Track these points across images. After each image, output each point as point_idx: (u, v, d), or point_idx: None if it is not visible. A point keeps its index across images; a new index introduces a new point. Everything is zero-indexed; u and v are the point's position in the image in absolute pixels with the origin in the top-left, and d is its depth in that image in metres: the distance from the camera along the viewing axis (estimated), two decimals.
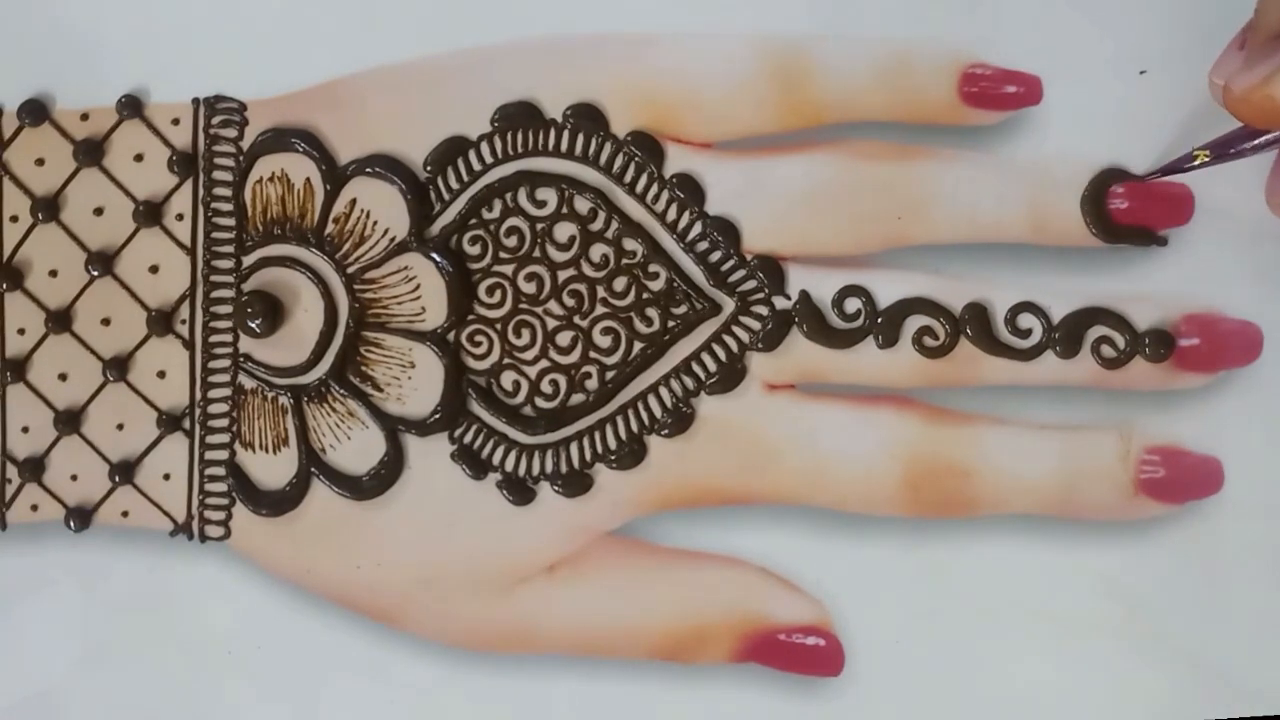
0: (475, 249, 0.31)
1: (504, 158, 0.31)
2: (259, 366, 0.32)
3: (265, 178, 0.32)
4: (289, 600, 0.32)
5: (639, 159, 0.31)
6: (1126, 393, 0.29)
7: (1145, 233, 0.29)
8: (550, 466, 0.31)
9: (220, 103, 0.32)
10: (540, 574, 0.31)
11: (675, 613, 0.30)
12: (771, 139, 0.30)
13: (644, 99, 0.31)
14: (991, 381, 0.30)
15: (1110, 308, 0.29)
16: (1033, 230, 0.29)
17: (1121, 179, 0.29)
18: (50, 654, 0.32)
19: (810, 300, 0.30)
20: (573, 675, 0.31)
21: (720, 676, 0.30)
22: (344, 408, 0.32)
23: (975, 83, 0.30)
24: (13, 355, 0.33)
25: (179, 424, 0.32)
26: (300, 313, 0.32)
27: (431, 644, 0.31)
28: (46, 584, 0.32)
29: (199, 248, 0.32)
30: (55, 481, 0.32)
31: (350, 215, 0.32)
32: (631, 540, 0.31)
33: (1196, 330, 0.29)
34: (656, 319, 0.31)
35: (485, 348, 0.31)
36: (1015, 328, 0.29)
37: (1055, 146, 0.30)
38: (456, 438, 0.31)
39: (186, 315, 0.32)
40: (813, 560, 0.30)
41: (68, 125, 0.32)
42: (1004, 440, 0.29)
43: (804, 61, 0.30)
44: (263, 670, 0.32)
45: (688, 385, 0.30)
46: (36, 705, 0.32)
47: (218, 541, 0.32)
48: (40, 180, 0.33)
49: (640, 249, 0.31)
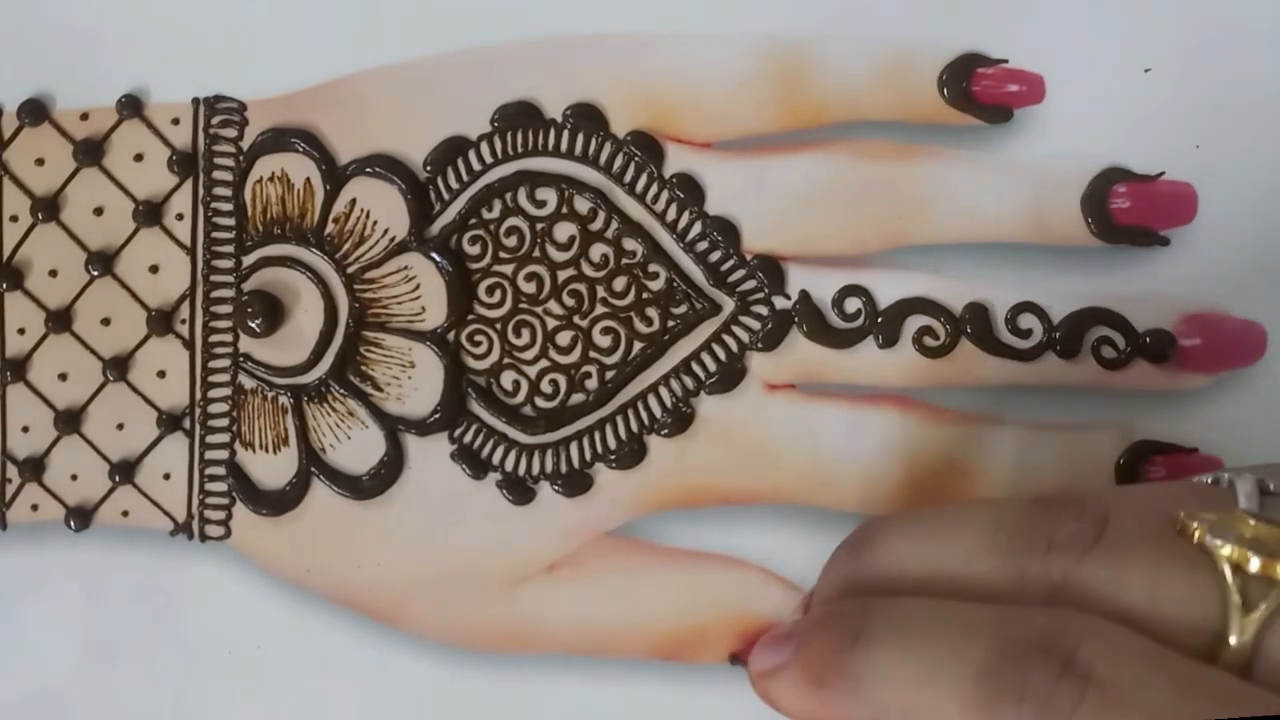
0: (475, 249, 0.31)
1: (504, 158, 0.31)
2: (259, 366, 0.32)
3: (265, 177, 0.32)
4: (289, 600, 0.32)
5: (639, 159, 0.31)
6: (1127, 393, 0.29)
7: (1147, 233, 0.29)
8: (550, 466, 0.31)
9: (220, 103, 0.32)
10: (540, 574, 0.31)
11: (675, 612, 0.30)
12: (771, 139, 0.30)
13: (644, 99, 0.31)
14: (991, 381, 0.30)
15: (1111, 308, 0.29)
16: (1033, 230, 0.29)
17: (1123, 179, 0.29)
18: (50, 653, 0.32)
19: (810, 300, 0.30)
20: (573, 675, 0.31)
21: (720, 676, 0.30)
22: (344, 407, 0.32)
23: (977, 81, 0.30)
24: (13, 355, 0.33)
25: (179, 424, 0.32)
26: (300, 312, 0.32)
27: (431, 644, 0.31)
28: (46, 584, 0.32)
29: (199, 248, 0.32)
30: (55, 481, 0.32)
31: (350, 215, 0.32)
32: (631, 540, 0.31)
33: (1198, 330, 0.29)
34: (656, 319, 0.31)
35: (485, 347, 0.31)
36: (1015, 328, 0.29)
37: (1056, 146, 0.30)
38: (456, 437, 0.31)
39: (186, 315, 0.32)
40: (813, 560, 0.30)
41: (68, 125, 0.32)
42: (1004, 440, 0.29)
43: (804, 62, 0.30)
44: (263, 670, 0.32)
45: (688, 385, 0.30)
46: (36, 705, 0.32)
47: (218, 541, 0.32)
48: (40, 180, 0.33)
49: (640, 249, 0.31)
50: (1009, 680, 0.20)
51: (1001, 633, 0.21)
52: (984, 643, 0.21)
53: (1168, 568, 0.21)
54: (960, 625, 0.22)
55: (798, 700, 0.24)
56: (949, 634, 0.22)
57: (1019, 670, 0.20)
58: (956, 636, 0.21)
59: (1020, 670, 0.20)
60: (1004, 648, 0.21)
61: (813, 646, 0.24)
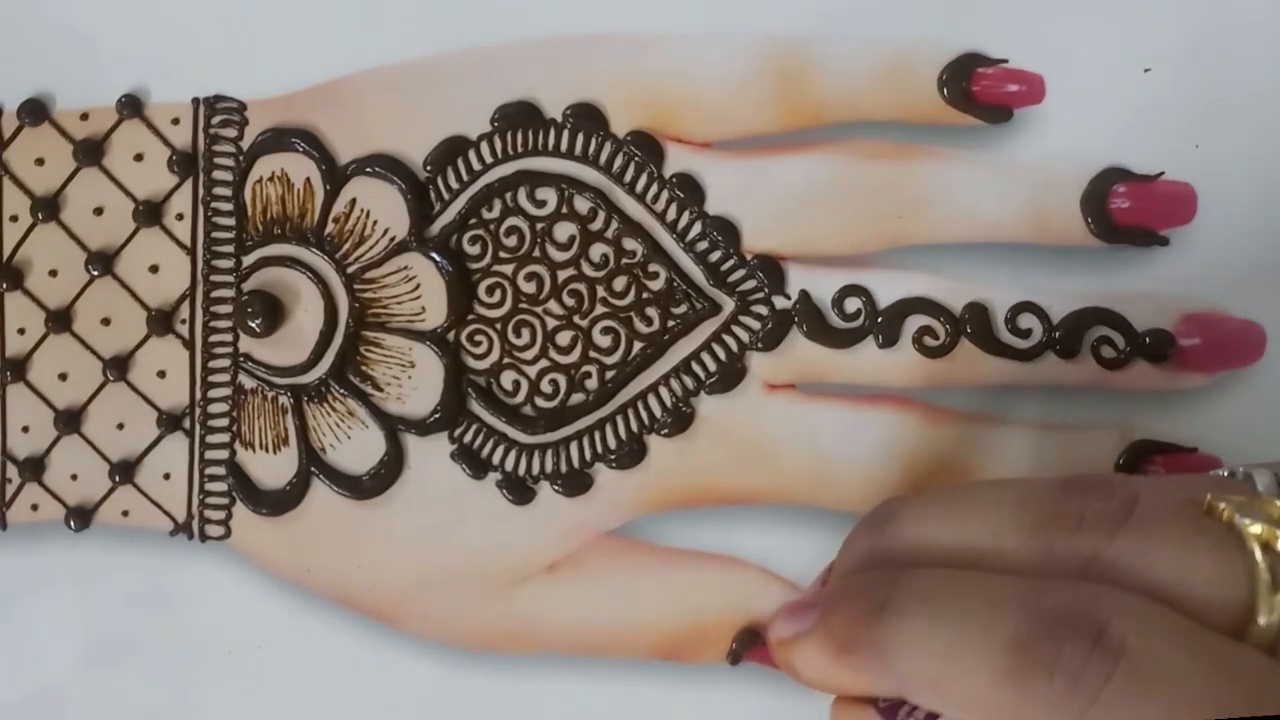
0: (475, 249, 0.31)
1: (504, 157, 0.31)
2: (259, 366, 0.32)
3: (265, 177, 0.32)
4: (289, 600, 0.32)
5: (639, 159, 0.31)
6: (1127, 393, 0.29)
7: (1146, 233, 0.29)
8: (550, 466, 0.31)
9: (220, 103, 0.32)
10: (540, 573, 0.31)
11: (675, 612, 0.30)
12: (771, 139, 0.30)
13: (644, 99, 0.31)
14: (991, 381, 0.30)
15: (1111, 308, 0.29)
16: (1033, 230, 0.29)
17: (1123, 179, 0.29)
18: (50, 653, 0.32)
19: (810, 300, 0.30)
20: (573, 675, 0.31)
21: (720, 676, 0.30)
22: (344, 407, 0.32)
23: (977, 81, 0.30)
24: (13, 355, 0.33)
25: (179, 423, 0.32)
26: (300, 312, 0.32)
27: (431, 644, 0.31)
28: (46, 584, 0.32)
29: (199, 247, 0.32)
30: (55, 481, 0.32)
31: (350, 215, 0.32)
32: (631, 540, 0.31)
33: (1198, 330, 0.29)
34: (656, 319, 0.31)
35: (485, 347, 0.31)
36: (1015, 328, 0.29)
37: (1056, 146, 0.30)
38: (456, 437, 0.31)
39: (186, 315, 0.32)
40: (813, 560, 0.30)
41: (68, 125, 0.32)
42: (1004, 440, 0.29)
43: (804, 61, 0.30)
44: (263, 670, 0.32)
45: (687, 385, 0.30)
46: (36, 705, 0.32)
47: (218, 541, 0.32)
48: (40, 180, 0.33)
49: (640, 249, 0.31)
50: (1041, 652, 0.20)
51: (1033, 605, 0.21)
52: (1015, 615, 0.21)
53: (1197, 546, 0.21)
54: (991, 597, 0.22)
55: (820, 668, 0.24)
56: (979, 606, 0.21)
57: (1051, 642, 0.20)
58: (987, 608, 0.21)
59: (1052, 642, 0.20)
60: (1036, 620, 0.21)
61: (838, 615, 0.24)
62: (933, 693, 0.22)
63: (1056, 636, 0.20)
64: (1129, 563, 0.22)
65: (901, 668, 0.22)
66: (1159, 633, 0.20)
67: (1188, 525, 0.22)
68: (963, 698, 0.21)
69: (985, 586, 0.22)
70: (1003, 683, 0.20)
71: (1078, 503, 0.23)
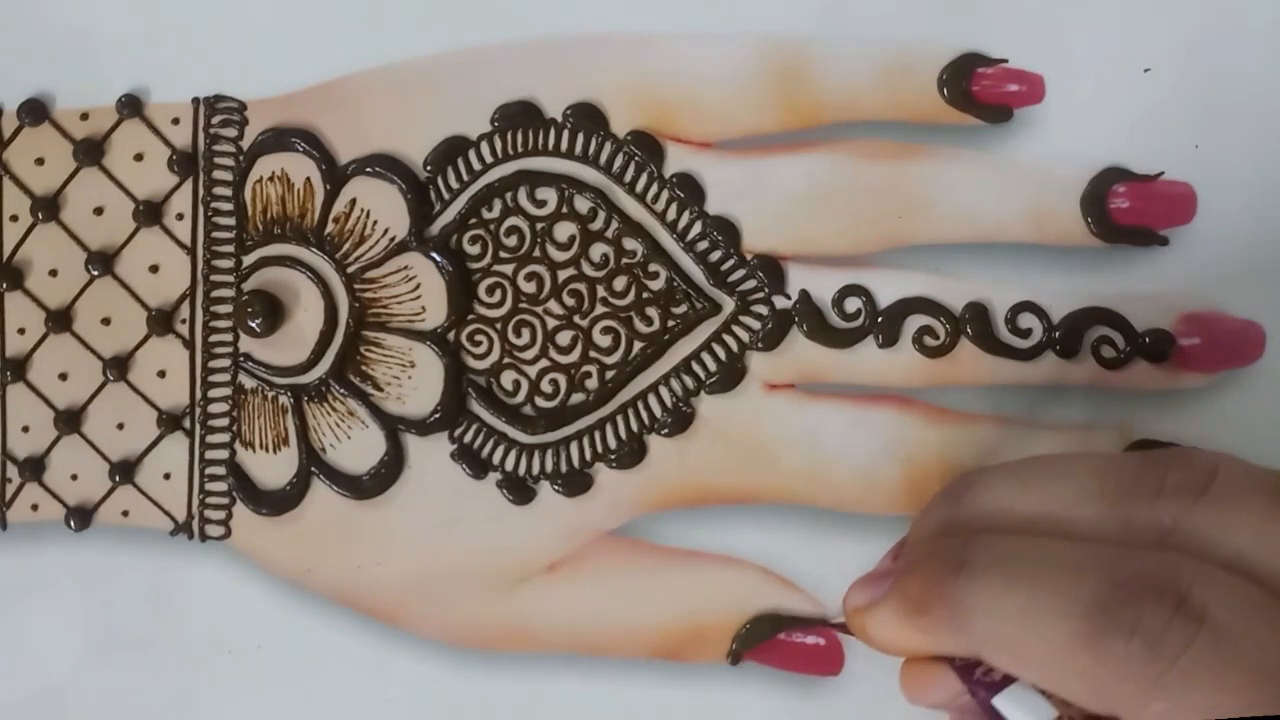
0: (475, 248, 0.31)
1: (504, 157, 0.31)
2: (259, 366, 0.32)
3: (265, 177, 0.32)
4: (289, 600, 0.32)
5: (639, 159, 0.31)
6: (1126, 392, 0.29)
7: (1146, 232, 0.29)
8: (550, 466, 0.31)
9: (220, 102, 0.32)
10: (540, 573, 0.31)
11: (674, 612, 0.30)
12: (771, 139, 0.30)
13: (644, 99, 0.31)
14: (991, 381, 0.30)
15: (1110, 307, 0.29)
16: (1033, 230, 0.29)
17: (1122, 179, 0.29)
18: (50, 653, 0.32)
19: (810, 300, 0.30)
20: (572, 674, 0.31)
21: (720, 676, 0.30)
22: (344, 407, 0.32)
23: (977, 81, 0.30)
24: (13, 355, 0.33)
25: (179, 423, 0.32)
26: (300, 312, 0.32)
27: (431, 643, 0.31)
28: (46, 584, 0.32)
29: (199, 247, 0.32)
30: (55, 481, 0.32)
31: (350, 215, 0.32)
32: (631, 540, 0.31)
33: (1197, 330, 0.29)
34: (656, 318, 0.31)
35: (485, 347, 0.31)
36: (1015, 328, 0.29)
37: (1056, 146, 0.30)
38: (456, 437, 0.31)
39: (186, 315, 0.32)
40: (813, 560, 0.30)
41: (68, 125, 0.32)
42: (1004, 440, 0.29)
43: (804, 62, 0.30)
44: (263, 670, 0.32)
45: (688, 385, 0.30)
46: (36, 705, 0.32)
47: (218, 541, 0.32)
48: (40, 180, 0.33)
49: (640, 248, 0.31)
50: (1121, 615, 0.20)
51: (1113, 571, 0.21)
52: (1095, 579, 0.21)
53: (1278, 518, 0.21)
54: (1070, 562, 0.22)
55: (895, 632, 0.24)
56: (1058, 570, 0.21)
57: (1132, 606, 0.20)
58: (1066, 572, 0.21)
59: (1133, 607, 0.20)
60: (1116, 585, 0.21)
61: (914, 577, 0.24)
62: (1009, 654, 0.22)
63: (1138, 601, 0.20)
64: (1208, 533, 0.22)
65: (977, 628, 0.22)
66: (1241, 603, 0.20)
67: (1268, 497, 0.22)
68: (1039, 660, 0.21)
69: (1064, 551, 0.22)
70: (1080, 645, 0.20)
71: (1156, 472, 0.23)
